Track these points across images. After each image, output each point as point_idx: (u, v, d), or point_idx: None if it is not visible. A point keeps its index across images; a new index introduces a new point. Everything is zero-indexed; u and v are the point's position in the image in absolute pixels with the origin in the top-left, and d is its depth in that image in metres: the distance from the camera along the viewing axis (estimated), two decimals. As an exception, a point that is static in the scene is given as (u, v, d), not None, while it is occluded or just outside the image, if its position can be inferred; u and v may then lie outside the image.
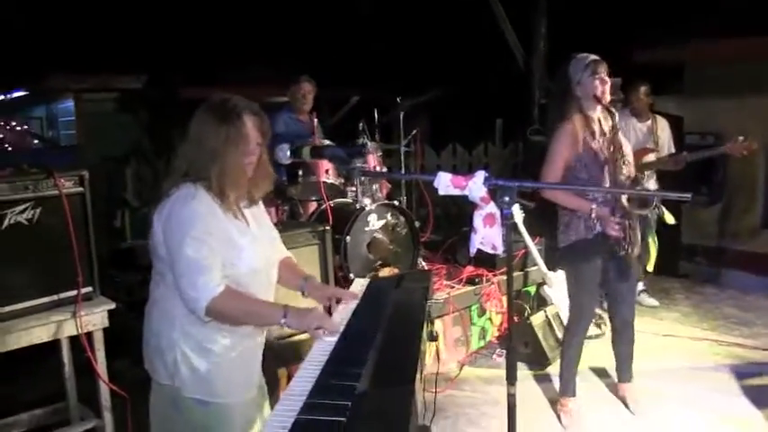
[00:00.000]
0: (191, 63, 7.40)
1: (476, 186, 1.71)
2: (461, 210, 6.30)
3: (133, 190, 6.79)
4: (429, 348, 3.59)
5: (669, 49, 6.82)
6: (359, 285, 2.51)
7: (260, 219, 2.27)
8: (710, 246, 6.89)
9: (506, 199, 1.71)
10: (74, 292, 2.77)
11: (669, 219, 4.07)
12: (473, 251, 1.90)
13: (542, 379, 4.18)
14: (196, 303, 1.91)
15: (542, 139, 6.47)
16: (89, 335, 2.81)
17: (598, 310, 4.55)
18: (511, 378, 1.83)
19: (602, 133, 3.34)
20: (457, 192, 1.73)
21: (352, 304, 2.26)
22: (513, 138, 8.35)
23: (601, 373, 4.18)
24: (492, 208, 1.74)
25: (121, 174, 6.68)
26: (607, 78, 3.28)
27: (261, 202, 2.34)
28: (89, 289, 2.85)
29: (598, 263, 3.41)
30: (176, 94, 7.80)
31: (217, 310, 1.93)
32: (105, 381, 2.84)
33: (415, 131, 5.00)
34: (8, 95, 8.75)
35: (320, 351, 1.79)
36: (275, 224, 2.44)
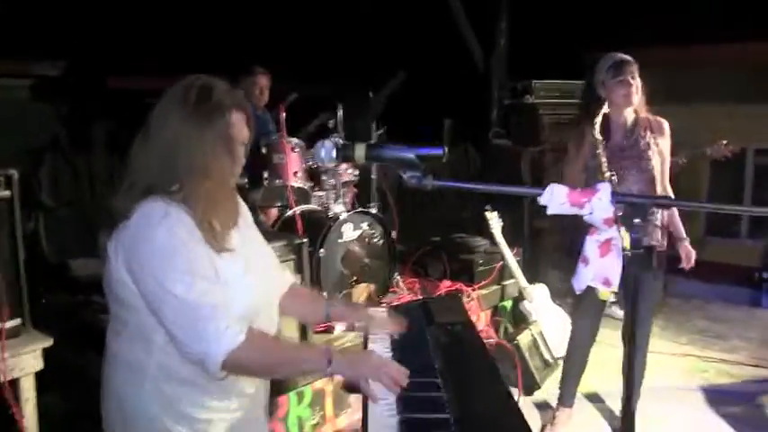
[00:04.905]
0: (118, 49, 6.61)
1: (600, 204, 1.25)
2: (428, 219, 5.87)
3: (48, 189, 6.02)
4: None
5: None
6: None
7: (249, 236, 1.72)
8: (655, 254, 6.87)
9: (637, 221, 1.27)
10: (-4, 328, 2.14)
11: None
12: (580, 288, 1.44)
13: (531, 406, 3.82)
14: (208, 358, 1.39)
15: (506, 142, 6.13)
16: (13, 382, 2.18)
17: None
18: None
19: (625, 137, 3.03)
20: (573, 210, 1.27)
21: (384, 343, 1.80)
22: (462, 140, 7.94)
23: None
24: (613, 232, 1.29)
25: (35, 171, 5.88)
26: (632, 80, 2.96)
27: (248, 212, 1.80)
28: (17, 321, 2.22)
29: None
30: (100, 83, 7.03)
31: (238, 364, 1.42)
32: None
33: (384, 128, 4.51)
34: None
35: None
36: None
